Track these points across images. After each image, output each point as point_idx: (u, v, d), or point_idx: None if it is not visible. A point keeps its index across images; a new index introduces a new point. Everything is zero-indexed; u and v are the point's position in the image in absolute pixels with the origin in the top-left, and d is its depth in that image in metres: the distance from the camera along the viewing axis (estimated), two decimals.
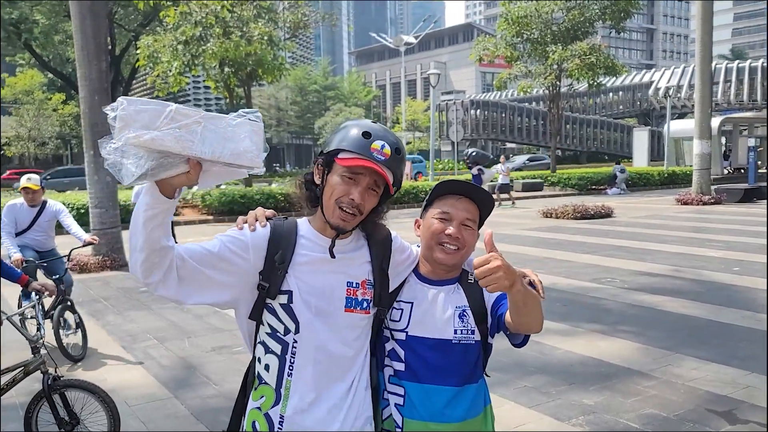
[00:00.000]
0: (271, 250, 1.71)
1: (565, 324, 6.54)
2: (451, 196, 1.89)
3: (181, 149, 1.47)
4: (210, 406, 4.59)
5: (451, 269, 1.90)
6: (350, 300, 1.75)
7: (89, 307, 7.72)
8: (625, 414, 4.31)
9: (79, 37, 10.50)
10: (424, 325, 1.86)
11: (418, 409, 1.84)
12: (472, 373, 1.90)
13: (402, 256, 1.91)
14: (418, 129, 63.03)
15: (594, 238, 12.86)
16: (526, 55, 29.96)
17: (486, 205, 1.91)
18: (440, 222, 1.86)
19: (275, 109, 64.07)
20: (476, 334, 1.88)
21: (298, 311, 1.71)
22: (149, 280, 1.57)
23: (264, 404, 1.74)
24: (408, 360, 1.86)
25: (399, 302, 1.91)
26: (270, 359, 1.74)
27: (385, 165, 1.67)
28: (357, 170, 1.67)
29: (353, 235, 1.81)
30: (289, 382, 1.72)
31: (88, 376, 5.24)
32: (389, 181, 1.69)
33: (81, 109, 10.74)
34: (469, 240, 1.86)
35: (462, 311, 1.87)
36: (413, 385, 1.85)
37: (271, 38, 21.31)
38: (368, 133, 1.69)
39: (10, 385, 3.68)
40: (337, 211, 1.69)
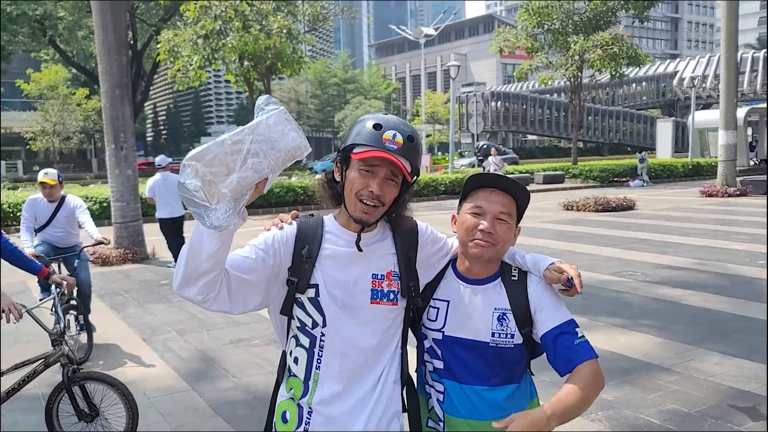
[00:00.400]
0: (298, 245, 1.74)
1: (584, 317, 6.46)
2: (484, 190, 1.84)
3: (258, 177, 1.50)
4: (228, 399, 4.61)
5: (488, 265, 1.85)
6: (375, 292, 1.75)
7: (110, 299, 7.81)
8: (646, 409, 4.25)
9: (100, 32, 10.59)
10: (460, 326, 1.83)
11: (457, 407, 1.83)
12: (512, 373, 1.85)
13: (434, 247, 1.90)
14: (438, 121, 62.81)
15: (615, 231, 12.70)
16: (547, 46, 29.64)
17: (522, 198, 1.85)
18: (473, 217, 1.81)
19: (295, 103, 64.24)
20: (516, 337, 1.80)
21: (324, 305, 1.72)
22: (207, 297, 1.60)
23: (294, 395, 1.77)
24: (446, 358, 1.85)
25: (435, 300, 1.88)
26: (299, 352, 1.77)
27: (399, 154, 1.66)
28: (372, 162, 1.67)
29: (378, 227, 1.81)
30: (317, 375, 1.74)
31: (108, 368, 5.31)
32: (404, 170, 1.67)
33: (102, 103, 10.84)
34: (505, 235, 1.81)
35: (502, 314, 1.81)
36: (452, 384, 1.84)
37: (290, 31, 21.32)
38: (379, 125, 1.68)
39: (31, 376, 3.72)
40: (358, 205, 1.69)
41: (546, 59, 29.96)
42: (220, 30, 20.51)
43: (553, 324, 1.79)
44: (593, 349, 1.79)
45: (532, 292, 1.83)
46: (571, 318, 1.83)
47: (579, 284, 1.76)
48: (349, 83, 69.95)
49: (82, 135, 48.22)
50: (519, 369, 1.87)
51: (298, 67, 22.62)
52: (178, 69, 22.45)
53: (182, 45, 21.28)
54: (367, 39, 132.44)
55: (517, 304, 1.82)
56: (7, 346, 6.01)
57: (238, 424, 4.17)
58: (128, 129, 10.76)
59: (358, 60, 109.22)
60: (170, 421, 4.29)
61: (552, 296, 1.83)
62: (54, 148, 46.46)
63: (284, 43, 20.83)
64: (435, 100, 63.84)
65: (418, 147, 1.73)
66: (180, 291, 1.59)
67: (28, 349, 5.56)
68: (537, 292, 1.82)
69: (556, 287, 1.82)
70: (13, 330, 6.20)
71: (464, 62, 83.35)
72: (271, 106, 1.54)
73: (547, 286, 1.84)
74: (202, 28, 20.52)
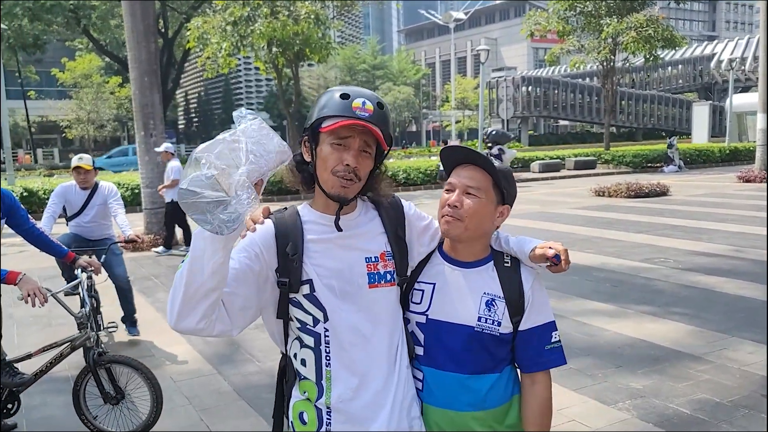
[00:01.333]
0: (280, 243, 1.64)
1: (613, 305, 6.34)
2: (459, 166, 1.78)
3: (259, 174, 1.47)
4: (252, 383, 4.64)
5: (470, 245, 1.77)
6: (372, 275, 1.68)
7: (140, 284, 7.92)
8: (676, 399, 4.15)
9: (129, 19, 10.69)
10: (445, 308, 1.76)
11: (435, 395, 1.76)
12: (495, 363, 1.77)
13: (422, 222, 1.83)
14: (468, 107, 62.26)
15: (647, 217, 12.44)
16: (579, 29, 29.02)
17: (495, 174, 1.73)
18: (446, 193, 1.77)
19: (324, 89, 64.20)
20: (504, 326, 1.74)
21: (322, 298, 1.64)
22: (209, 322, 1.52)
23: (309, 398, 1.69)
24: (427, 344, 1.77)
25: (420, 282, 1.81)
26: (305, 353, 1.68)
27: (371, 121, 1.58)
28: (343, 134, 1.59)
29: (360, 207, 1.73)
30: (329, 373, 1.66)
31: (135, 352, 5.39)
32: (379, 136, 1.59)
33: (131, 90, 10.97)
34: (472, 209, 1.71)
35: (491, 299, 1.74)
36: (431, 371, 1.76)
37: (318, 17, 21.27)
38: (346, 94, 1.61)
39: (58, 359, 3.78)
40: (335, 181, 1.61)
41: (578, 43, 29.34)
42: (249, 16, 20.57)
43: (533, 324, 1.77)
44: (563, 356, 1.81)
45: (527, 281, 1.77)
46: (553, 320, 1.81)
47: (566, 260, 1.71)
48: (378, 69, 69.63)
49: (115, 123, 49.02)
50: (502, 360, 1.79)
51: (326, 53, 22.58)
52: (208, 56, 22.61)
53: (211, 32, 21.41)
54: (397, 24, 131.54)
55: (510, 291, 1.75)
56: (39, 329, 6.15)
57: (261, 407, 4.19)
58: (157, 116, 10.87)
59: (388, 46, 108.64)
60: (195, 404, 4.33)
61: (542, 293, 1.80)
62: (88, 135, 47.29)
63: (312, 29, 20.80)
64: (465, 86, 63.23)
65: (388, 114, 1.65)
66: (178, 323, 1.49)
67: (60, 332, 5.66)
68: (532, 285, 1.78)
69: (543, 268, 1.77)
70: (45, 313, 6.33)
71: (495, 47, 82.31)
72: (249, 116, 1.52)
73: (539, 282, 1.80)
74: (231, 14, 20.61)
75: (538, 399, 1.78)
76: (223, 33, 21.00)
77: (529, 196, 17.07)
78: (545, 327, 1.78)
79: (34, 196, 15.07)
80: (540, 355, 1.77)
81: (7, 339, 5.52)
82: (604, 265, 8.14)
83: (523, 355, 1.79)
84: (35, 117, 49.65)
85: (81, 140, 52.03)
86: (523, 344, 1.78)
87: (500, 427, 1.77)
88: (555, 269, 1.73)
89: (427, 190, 20.17)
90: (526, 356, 1.79)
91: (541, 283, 1.81)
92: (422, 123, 75.59)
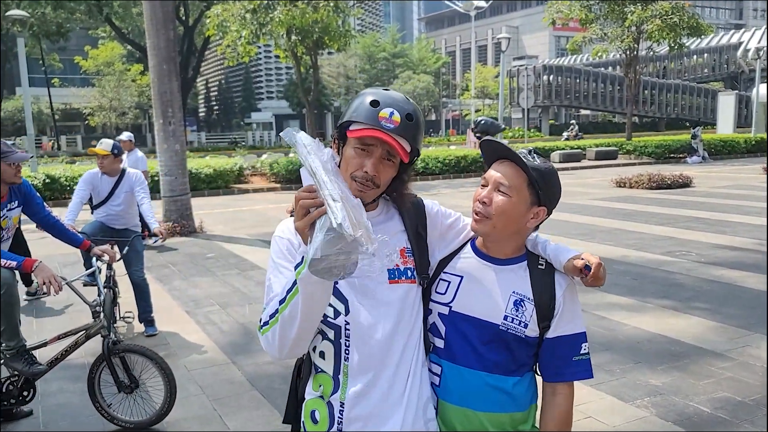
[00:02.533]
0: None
1: (633, 299, 6.24)
2: (497, 161, 1.72)
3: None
4: (265, 373, 4.63)
5: (500, 243, 1.71)
6: (392, 271, 1.66)
7: (157, 272, 7.97)
8: (696, 397, 4.06)
9: (148, 7, 10.70)
10: (471, 303, 1.70)
11: (452, 392, 1.70)
12: (517, 366, 1.71)
13: (446, 221, 1.81)
14: (488, 96, 61.74)
15: (670, 209, 12.23)
16: (602, 17, 28.56)
17: (530, 173, 1.64)
18: (481, 188, 1.71)
19: (344, 78, 64.11)
20: (530, 328, 1.67)
21: (344, 291, 1.64)
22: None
23: (324, 392, 1.67)
24: (448, 337, 1.72)
25: (447, 273, 1.76)
26: (325, 346, 1.66)
27: (396, 133, 1.55)
28: (367, 141, 1.57)
29: (381, 206, 1.72)
30: (346, 367, 1.64)
31: (151, 341, 5.41)
32: (399, 151, 1.56)
33: (150, 77, 10.98)
34: (500, 207, 1.64)
35: (520, 299, 1.68)
36: (450, 366, 1.71)
37: (337, 5, 21.15)
38: (376, 102, 1.57)
39: (73, 347, 3.80)
40: (353, 184, 1.59)
41: (600, 31, 28.88)
42: (268, 4, 20.51)
43: (562, 332, 1.70)
44: (590, 370, 1.73)
45: (559, 287, 1.70)
46: (583, 332, 1.73)
47: (596, 273, 1.62)
48: (398, 58, 69.18)
49: (137, 110, 49.42)
50: (524, 364, 1.73)
51: (345, 41, 22.47)
52: (228, 44, 22.60)
53: (231, 20, 21.39)
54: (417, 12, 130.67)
55: (540, 294, 1.69)
56: (58, 316, 6.20)
57: (275, 398, 4.18)
58: (176, 104, 10.88)
59: (408, 34, 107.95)
60: (208, 393, 4.33)
61: (574, 302, 1.73)
62: (111, 123, 47.73)
63: (331, 17, 20.70)
64: (485, 74, 62.68)
65: (418, 125, 1.61)
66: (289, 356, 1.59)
67: (79, 319, 5.70)
68: (564, 292, 1.70)
69: (578, 280, 1.70)
70: (64, 300, 6.39)
71: (516, 35, 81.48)
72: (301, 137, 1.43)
73: (573, 291, 1.73)
74: (250, 2, 20.56)
75: (559, 410, 1.72)
76: (242, 21, 20.97)
77: None
78: (575, 337, 1.71)
79: (56, 183, 15.23)
80: (566, 365, 1.71)
81: (26, 326, 5.58)
82: (624, 258, 8.02)
83: (547, 364, 1.73)
84: (59, 104, 50.15)
85: (103, 127, 52.55)
86: (549, 352, 1.71)
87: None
88: (589, 282, 1.66)
89: (445, 180, 20.06)
90: (550, 365, 1.72)
91: (574, 292, 1.73)
92: (442, 112, 75.15)
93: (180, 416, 3.96)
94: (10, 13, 19.52)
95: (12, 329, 3.67)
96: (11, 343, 3.67)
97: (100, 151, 5.64)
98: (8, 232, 3.90)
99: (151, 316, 5.67)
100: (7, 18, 20.99)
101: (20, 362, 3.69)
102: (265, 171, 19.47)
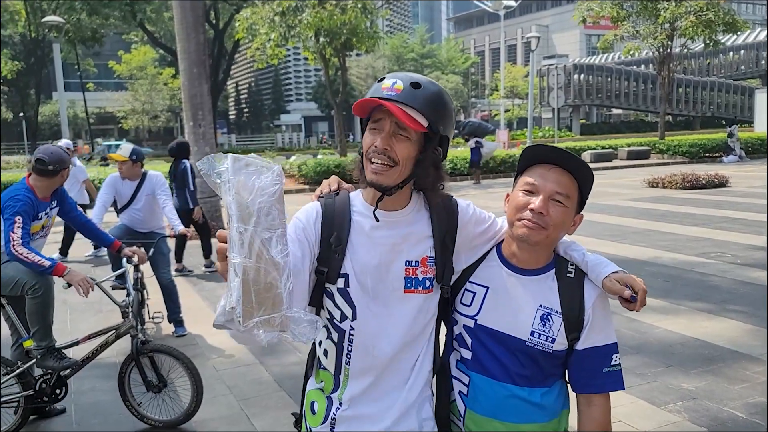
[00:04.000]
0: (325, 232, 1.58)
1: (665, 301, 6.11)
2: (542, 166, 1.62)
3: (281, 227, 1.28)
4: (292, 373, 4.65)
5: (536, 252, 1.64)
6: (410, 280, 1.60)
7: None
8: (730, 401, 3.96)
9: (179, 11, 10.85)
10: (496, 316, 1.65)
11: (480, 403, 1.67)
12: (545, 377, 1.67)
13: (478, 228, 1.72)
14: (518, 96, 61.25)
15: (704, 210, 11.96)
16: (634, 14, 28.07)
17: (585, 179, 1.62)
18: (525, 195, 1.60)
19: (372, 79, 64.17)
20: (558, 343, 1.62)
21: (354, 296, 1.58)
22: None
23: (325, 388, 1.67)
24: (474, 349, 1.68)
25: (472, 284, 1.70)
26: (328, 345, 1.65)
27: (397, 100, 1.49)
28: (377, 116, 1.53)
29: (412, 204, 1.64)
30: (347, 370, 1.63)
31: (180, 341, 5.48)
32: (401, 114, 1.47)
33: (181, 81, 11.14)
34: (558, 218, 1.58)
35: (547, 313, 1.62)
36: (478, 377, 1.67)
37: (365, 6, 21.19)
38: (382, 78, 1.55)
39: (103, 346, 3.87)
40: (369, 166, 1.54)
41: (632, 29, 28.40)
42: (296, 6, 20.65)
43: (592, 344, 1.64)
44: (621, 381, 1.67)
45: (589, 297, 1.63)
46: (614, 342, 1.67)
47: (642, 301, 1.56)
48: (426, 58, 69.06)
49: (168, 113, 50.25)
50: (552, 374, 1.68)
51: (373, 42, 22.46)
52: (257, 47, 22.81)
53: (260, 23, 21.58)
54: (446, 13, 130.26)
55: (569, 305, 1.62)
56: (91, 315, 6.32)
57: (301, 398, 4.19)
58: (206, 107, 11.01)
59: (436, 34, 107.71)
60: (236, 393, 4.37)
61: (605, 312, 1.66)
62: (143, 126, 48.64)
63: (359, 19, 20.73)
64: (515, 74, 62.17)
65: (429, 94, 1.51)
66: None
67: (111, 318, 5.80)
68: (594, 302, 1.64)
69: (612, 299, 1.65)
70: (97, 300, 6.51)
71: (546, 34, 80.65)
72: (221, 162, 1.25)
73: (604, 300, 1.66)
74: (279, 5, 20.73)
75: (595, 423, 1.66)
76: (271, 23, 21.14)
77: None
78: (605, 349, 1.65)
79: None
80: (595, 377, 1.65)
81: (61, 324, 5.71)
82: (656, 259, 7.86)
83: (577, 375, 1.68)
84: (93, 108, 51.32)
85: (136, 131, 53.56)
86: (578, 364, 1.66)
87: None
88: (628, 307, 1.59)
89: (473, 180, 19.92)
90: (580, 377, 1.67)
91: (605, 301, 1.67)
92: (470, 112, 74.82)
93: (208, 416, 4.00)
94: (47, 20, 20.00)
95: (45, 329, 3.77)
96: (42, 343, 3.76)
97: (118, 157, 5.70)
98: (47, 230, 4.04)
99: (180, 316, 5.74)
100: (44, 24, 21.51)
101: (51, 360, 3.78)
102: (293, 173, 19.61)
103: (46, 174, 3.80)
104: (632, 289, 1.56)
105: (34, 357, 3.78)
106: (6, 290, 3.74)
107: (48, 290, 3.73)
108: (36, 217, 3.79)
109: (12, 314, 3.85)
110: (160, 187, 5.81)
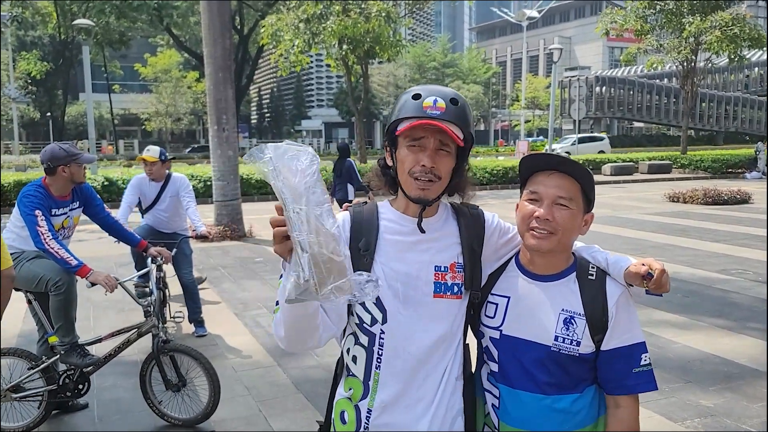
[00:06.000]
0: (353, 238, 1.64)
1: (684, 316, 6.07)
2: (541, 173, 1.67)
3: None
4: (310, 377, 4.70)
5: (553, 258, 1.67)
6: (439, 285, 1.64)
7: (208, 274, 8.16)
8: (749, 420, 3.93)
9: (206, 16, 11.02)
10: (520, 324, 1.67)
11: (511, 415, 1.69)
12: (575, 383, 1.67)
13: (503, 238, 1.77)
14: (539, 107, 61.03)
15: (726, 225, 11.85)
16: (658, 28, 27.92)
17: (585, 179, 1.65)
18: (530, 204, 1.65)
19: (393, 87, 64.38)
20: (584, 346, 1.63)
21: (385, 300, 1.62)
22: (320, 337, 1.55)
23: (353, 396, 1.68)
24: (501, 361, 1.70)
25: (494, 295, 1.73)
26: (358, 351, 1.67)
27: (443, 119, 1.55)
28: (418, 134, 1.58)
29: (441, 212, 1.70)
30: (377, 375, 1.64)
31: (200, 341, 5.55)
32: (452, 134, 1.55)
33: (206, 86, 11.30)
34: (566, 222, 1.61)
35: (570, 317, 1.63)
36: (506, 389, 1.69)
37: (389, 15, 21.32)
38: (418, 95, 1.59)
39: (126, 344, 3.94)
40: (413, 183, 1.59)
41: (656, 42, 28.24)
42: (321, 14, 20.83)
43: (619, 344, 1.65)
44: (653, 381, 1.67)
45: (611, 297, 1.65)
46: (642, 341, 1.67)
47: (659, 280, 1.56)
48: (447, 67, 69.14)
49: (191, 116, 50.87)
50: (583, 379, 1.68)
51: (396, 50, 22.59)
52: (281, 53, 23.03)
53: (284, 29, 21.79)
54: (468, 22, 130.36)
55: (592, 308, 1.64)
56: (114, 313, 6.43)
57: (319, 401, 4.24)
58: (230, 111, 11.16)
59: (458, 44, 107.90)
60: (254, 394, 4.42)
61: (629, 310, 1.67)
62: (166, 128, 49.27)
63: (383, 27, 20.87)
64: (536, 85, 62.00)
65: (464, 109, 1.60)
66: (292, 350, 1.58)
67: (133, 317, 5.89)
68: (617, 301, 1.65)
69: (637, 290, 1.65)
70: (120, 298, 6.61)
71: (568, 45, 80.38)
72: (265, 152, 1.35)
73: (627, 299, 1.67)
74: (304, 12, 20.94)
75: (622, 425, 1.67)
76: (295, 30, 21.35)
77: (600, 200, 16.52)
78: (633, 348, 1.65)
79: (114, 186, 15.77)
80: (626, 377, 1.65)
81: (84, 322, 5.81)
82: (676, 275, 7.81)
83: (606, 377, 1.68)
84: (118, 110, 52.06)
85: (159, 132, 54.21)
86: (607, 365, 1.66)
87: None
88: (652, 289, 1.59)
89: (493, 190, 19.90)
90: (609, 378, 1.67)
91: (629, 300, 1.68)
92: (491, 122, 74.69)
93: (226, 416, 4.05)
94: (77, 23, 20.37)
95: (68, 326, 3.85)
96: (65, 339, 3.84)
97: (148, 158, 5.81)
98: (69, 231, 4.11)
99: (201, 317, 5.81)
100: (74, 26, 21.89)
101: (74, 356, 3.86)
102: None
103: (47, 172, 3.89)
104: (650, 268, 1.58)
105: (58, 353, 3.87)
106: (31, 287, 3.83)
107: (70, 287, 3.81)
108: (50, 213, 3.85)
109: (39, 310, 3.94)
110: (184, 188, 5.92)
